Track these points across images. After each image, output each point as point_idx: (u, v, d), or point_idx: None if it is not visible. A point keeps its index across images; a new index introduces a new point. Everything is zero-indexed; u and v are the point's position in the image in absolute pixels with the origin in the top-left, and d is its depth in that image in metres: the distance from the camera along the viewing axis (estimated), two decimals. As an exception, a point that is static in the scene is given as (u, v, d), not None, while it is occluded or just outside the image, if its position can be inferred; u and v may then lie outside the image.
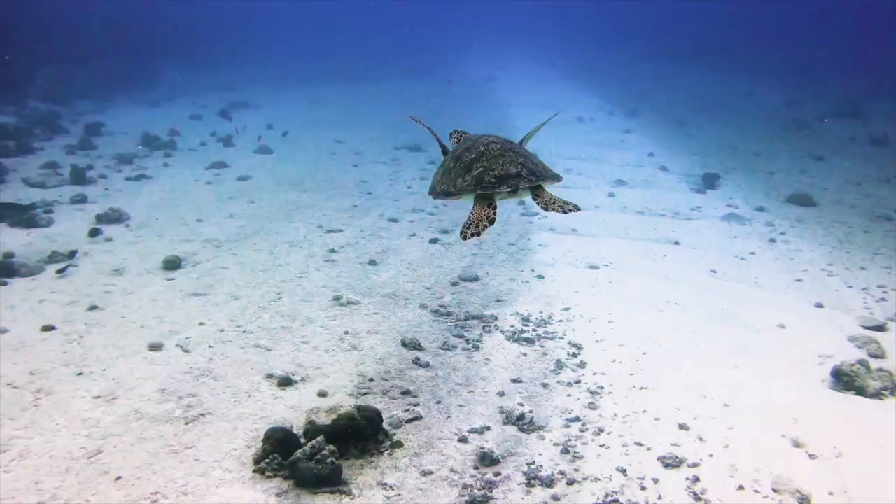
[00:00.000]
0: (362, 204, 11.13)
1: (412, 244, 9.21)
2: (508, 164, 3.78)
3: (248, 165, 13.70)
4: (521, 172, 3.76)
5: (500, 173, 3.74)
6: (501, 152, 3.86)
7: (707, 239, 10.02)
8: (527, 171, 3.78)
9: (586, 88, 28.26)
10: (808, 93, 26.60)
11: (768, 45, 37.43)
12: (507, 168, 3.76)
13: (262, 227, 9.76)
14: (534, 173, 3.80)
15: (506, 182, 3.71)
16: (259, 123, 18.86)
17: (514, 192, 3.80)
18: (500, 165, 3.78)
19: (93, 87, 24.27)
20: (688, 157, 15.71)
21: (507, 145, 3.98)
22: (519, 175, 3.75)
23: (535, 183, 3.80)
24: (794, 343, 6.62)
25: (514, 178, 3.73)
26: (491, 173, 3.75)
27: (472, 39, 48.64)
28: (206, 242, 9.03)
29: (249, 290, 7.50)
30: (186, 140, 16.19)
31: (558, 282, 8.02)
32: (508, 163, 3.79)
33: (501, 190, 3.72)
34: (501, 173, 3.74)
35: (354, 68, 33.06)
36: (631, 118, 20.87)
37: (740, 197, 12.42)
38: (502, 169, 3.76)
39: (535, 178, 3.79)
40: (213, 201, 11.07)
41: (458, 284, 7.86)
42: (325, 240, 9.28)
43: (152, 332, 6.45)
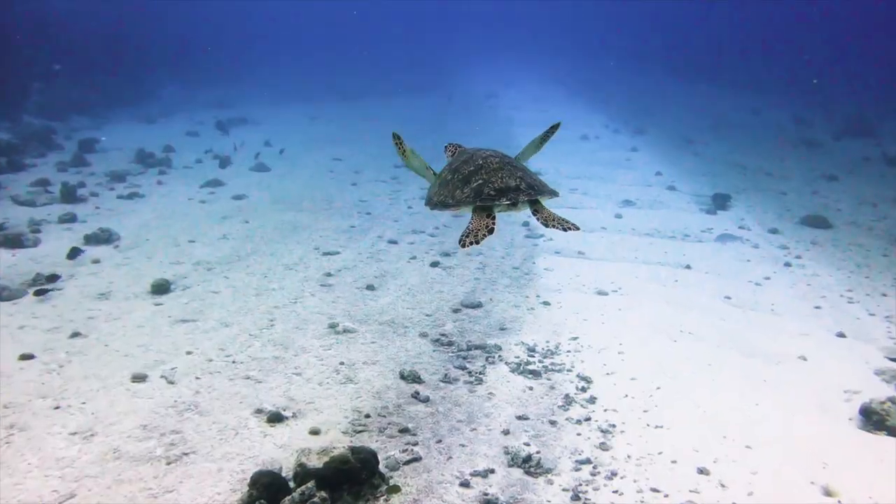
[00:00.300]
0: (361, 224, 10.77)
1: (412, 268, 8.84)
2: (508, 178, 3.76)
3: (243, 184, 13.36)
4: (521, 186, 3.74)
5: (499, 186, 3.72)
6: (500, 165, 3.84)
7: (719, 263, 9.65)
8: (526, 185, 3.76)
9: (590, 105, 27.99)
10: (817, 110, 26.34)
11: (772, 61, 37.23)
12: (507, 181, 3.74)
13: (257, 249, 9.39)
14: (532, 187, 3.78)
15: (505, 195, 3.69)
16: (257, 140, 18.56)
17: (514, 206, 3.78)
18: (500, 178, 3.75)
19: (90, 102, 24.02)
20: (696, 176, 15.37)
21: (505, 159, 3.96)
22: (518, 188, 3.72)
23: (534, 197, 3.78)
24: (817, 376, 6.23)
25: (513, 192, 3.70)
26: (490, 186, 3.73)
27: (474, 56, 48.54)
28: (197, 265, 8.67)
29: (241, 317, 7.12)
30: (182, 157, 15.87)
31: (565, 309, 7.64)
32: (508, 176, 3.77)
33: (501, 202, 3.69)
34: (501, 186, 3.72)
35: (355, 84, 32.87)
36: (637, 136, 20.56)
37: (752, 218, 12.07)
38: (501, 182, 3.73)
39: (534, 191, 3.76)
40: (206, 221, 10.71)
41: (460, 311, 7.48)
42: (322, 262, 8.92)
43: (136, 362, 6.07)
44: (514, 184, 3.74)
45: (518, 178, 3.78)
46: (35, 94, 23.12)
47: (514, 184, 3.74)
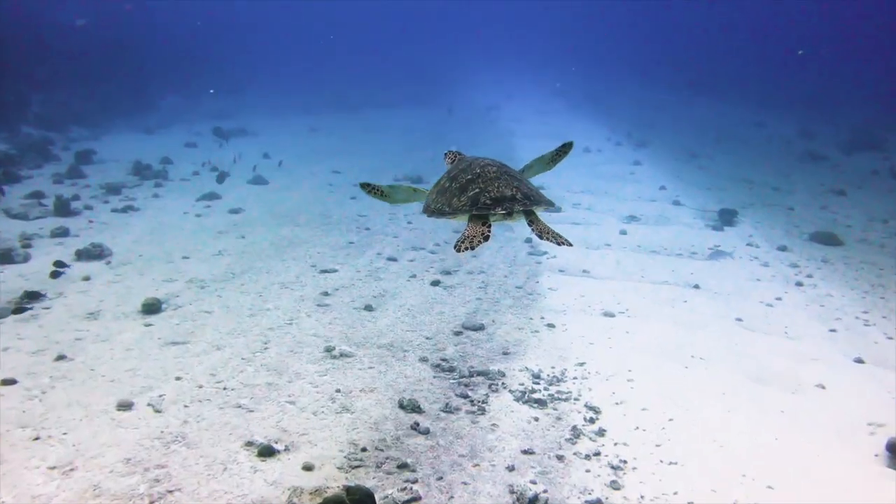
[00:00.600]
0: (359, 241, 10.49)
1: (412, 287, 8.55)
2: (504, 187, 3.77)
3: (240, 197, 13.10)
4: (517, 196, 3.75)
5: (495, 195, 3.73)
6: (497, 175, 3.86)
7: (729, 282, 9.36)
8: (522, 195, 3.77)
9: (592, 118, 27.79)
10: (822, 123, 26.14)
11: (776, 73, 37.06)
12: (503, 190, 3.75)
13: (252, 266, 9.11)
14: (528, 197, 3.79)
15: (501, 204, 3.70)
16: (255, 152, 18.32)
17: (509, 215, 3.78)
18: (496, 188, 3.77)
19: (89, 112, 23.80)
20: (702, 191, 15.10)
21: (502, 168, 3.97)
22: (514, 198, 3.73)
23: (530, 207, 3.78)
24: (837, 407, 5.93)
25: (509, 201, 3.71)
26: (487, 195, 3.74)
27: (476, 67, 48.42)
28: (190, 282, 8.38)
29: (233, 339, 6.84)
30: (179, 169, 15.62)
31: (571, 331, 7.35)
32: (504, 185, 3.78)
33: (496, 212, 3.70)
34: (497, 195, 3.73)
35: (356, 95, 32.68)
36: (640, 149, 20.32)
37: (760, 235, 11.79)
38: (498, 191, 3.75)
39: (530, 202, 3.77)
40: (201, 236, 10.44)
41: (462, 334, 7.19)
42: (319, 281, 8.63)
43: (123, 388, 5.78)
44: (510, 193, 3.74)
45: (514, 187, 3.78)
46: (35, 105, 22.96)
47: (510, 193, 3.74)
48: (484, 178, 3.83)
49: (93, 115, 23.75)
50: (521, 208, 3.75)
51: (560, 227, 11.98)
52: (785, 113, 29.08)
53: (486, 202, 3.71)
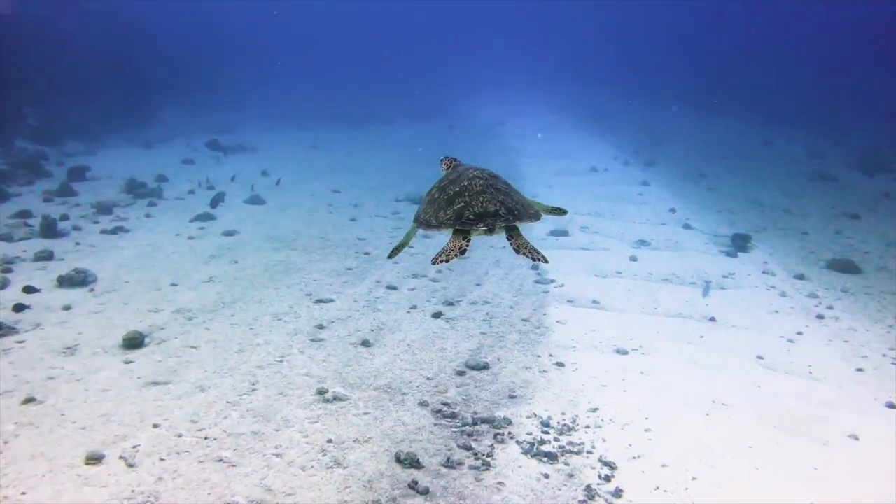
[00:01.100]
0: (358, 267, 10.01)
1: (412, 319, 8.06)
2: (488, 202, 3.80)
3: (236, 218, 12.64)
4: (500, 211, 3.78)
5: (478, 210, 3.77)
6: (483, 189, 3.88)
7: (746, 314, 8.87)
8: (505, 210, 3.79)
9: (598, 135, 27.38)
10: (829, 142, 25.71)
11: (782, 90, 36.70)
12: (487, 206, 3.79)
13: (244, 295, 8.63)
14: (512, 212, 3.81)
15: (483, 220, 3.75)
16: (254, 169, 17.91)
17: (490, 231, 3.82)
18: (480, 203, 3.80)
19: (87, 125, 23.43)
20: (712, 213, 14.64)
21: (490, 181, 3.97)
22: (497, 213, 3.77)
23: (512, 223, 3.82)
24: (873, 462, 5.43)
25: (491, 217, 3.76)
26: (471, 209, 3.78)
27: (480, 82, 48.15)
28: (177, 313, 7.91)
29: (219, 378, 6.35)
30: (174, 187, 15.18)
31: (581, 372, 6.85)
32: (489, 200, 3.81)
33: (478, 227, 3.76)
34: (480, 211, 3.77)
35: (358, 110, 32.31)
36: (647, 168, 19.86)
37: (776, 261, 11.31)
38: (482, 206, 3.78)
39: (513, 217, 3.80)
40: (192, 261, 9.96)
41: (465, 374, 6.70)
42: (314, 312, 8.15)
43: (94, 437, 5.30)
44: (494, 209, 3.77)
45: (499, 202, 3.81)
46: (31, 118, 22.59)
47: (494, 209, 3.77)
48: (470, 192, 3.86)
49: (90, 129, 23.37)
50: (503, 224, 3.78)
51: (568, 252, 11.55)
52: (792, 130, 28.67)
53: (470, 217, 3.75)
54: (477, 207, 3.77)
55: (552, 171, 18.82)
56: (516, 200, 3.92)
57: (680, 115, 33.12)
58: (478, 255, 10.80)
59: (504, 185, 4.05)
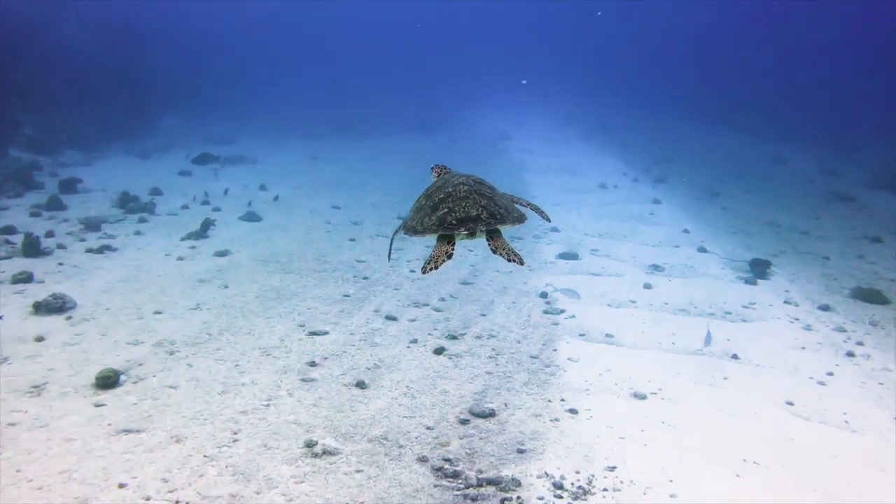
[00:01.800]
0: (356, 293, 9.42)
1: (412, 356, 7.46)
2: (470, 207, 3.90)
3: (229, 236, 12.07)
4: (481, 215, 3.87)
5: (461, 216, 3.87)
6: (467, 194, 3.98)
7: (770, 351, 8.25)
8: (487, 214, 3.89)
9: (606, 149, 26.82)
10: (843, 159, 25.14)
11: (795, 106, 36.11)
12: (469, 211, 3.88)
13: (232, 325, 8.04)
14: (494, 216, 3.90)
15: (465, 224, 3.84)
16: (253, 182, 17.35)
17: (472, 235, 3.90)
18: (463, 208, 3.90)
19: (84, 135, 22.95)
20: (727, 235, 14.04)
21: (474, 186, 4.06)
22: (478, 218, 3.86)
23: (494, 226, 3.91)
24: (930, 538, 4.81)
25: (472, 221, 3.85)
26: (453, 214, 3.88)
27: (485, 93, 47.67)
28: (158, 346, 7.32)
29: (198, 426, 5.75)
30: (168, 202, 14.63)
31: (596, 420, 6.24)
32: (471, 206, 3.91)
33: (460, 232, 3.85)
34: (462, 216, 3.87)
35: (361, 122, 31.80)
36: (658, 186, 19.27)
37: (798, 290, 10.70)
38: (464, 211, 3.88)
39: (495, 221, 3.89)
40: (180, 285, 9.38)
41: (469, 422, 6.09)
42: (306, 346, 7.55)
43: (51, 501, 4.70)
44: (476, 213, 3.87)
45: (482, 206, 3.91)
46: (27, 127, 22.10)
47: (476, 213, 3.87)
48: (454, 198, 3.97)
49: (88, 138, 22.89)
50: (484, 228, 3.87)
51: (579, 279, 10.96)
52: (804, 146, 28.11)
53: (452, 222, 3.85)
54: (459, 213, 3.88)
55: (560, 188, 18.24)
56: (499, 205, 4.02)
57: (689, 129, 32.57)
58: (483, 282, 10.22)
59: (489, 190, 4.13)
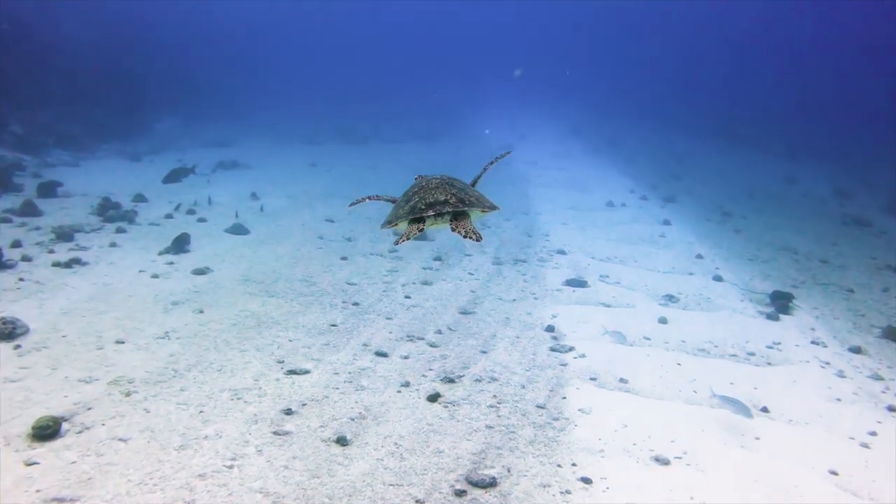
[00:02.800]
0: (344, 322, 8.55)
1: (403, 403, 6.59)
2: (439, 194, 4.25)
3: (212, 252, 11.20)
4: (449, 199, 4.20)
5: (430, 201, 4.22)
6: (438, 185, 4.34)
7: (803, 403, 7.39)
8: (455, 199, 4.22)
9: (612, 164, 25.99)
10: (855, 180, 24.33)
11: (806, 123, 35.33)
12: (437, 196, 4.23)
13: (202, 359, 7.17)
14: (462, 201, 4.23)
15: (433, 207, 4.17)
16: (244, 189, 16.51)
17: (441, 216, 4.21)
18: (432, 195, 4.25)
19: (74, 134, 22.15)
20: (743, 261, 13.19)
21: (446, 180, 4.43)
22: (446, 202, 4.19)
23: (461, 209, 4.21)
24: None
25: (440, 204, 4.18)
26: (423, 201, 4.24)
27: (491, 103, 46.90)
28: (114, 385, 6.44)
29: (144, 495, 4.87)
30: (152, 209, 13.77)
31: (614, 491, 5.37)
32: (440, 192, 4.26)
33: (428, 213, 4.16)
34: (431, 201, 4.22)
35: (364, 127, 30.98)
36: (668, 205, 18.41)
37: (824, 328, 9.85)
38: (432, 197, 4.23)
39: (462, 205, 4.21)
40: (150, 308, 8.51)
41: (466, 494, 5.21)
42: (284, 388, 6.68)
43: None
44: (444, 198, 4.20)
45: (451, 194, 4.23)
46: (15, 124, 21.25)
47: (444, 198, 4.20)
48: (426, 189, 4.31)
49: (78, 138, 22.10)
50: (450, 209, 4.15)
51: (588, 310, 10.10)
52: (815, 166, 27.34)
53: (421, 206, 4.19)
54: (429, 199, 4.20)
55: (566, 206, 17.39)
56: (469, 194, 4.33)
57: (696, 144, 31.79)
58: (484, 311, 9.36)
59: (460, 184, 4.45)
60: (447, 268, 11.31)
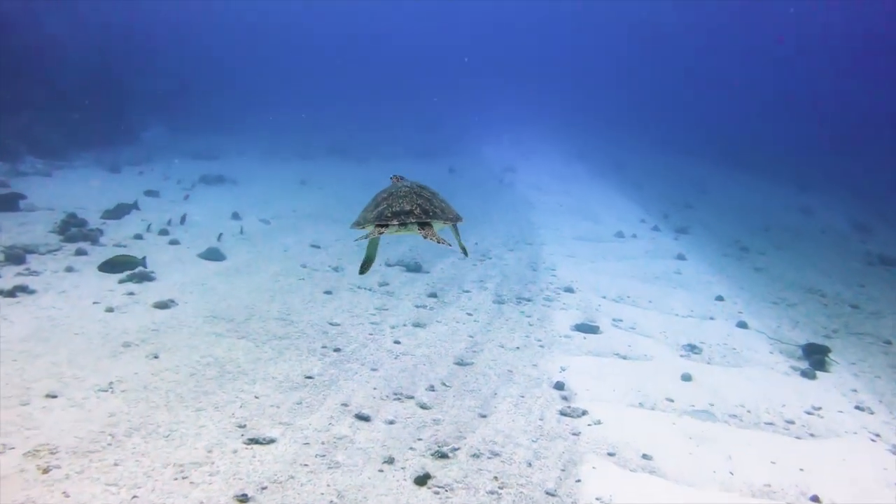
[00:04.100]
0: (321, 374, 7.36)
1: (385, 488, 5.38)
2: (405, 202, 4.40)
3: (180, 280, 10.02)
4: (414, 210, 4.36)
5: (396, 209, 4.37)
6: (406, 193, 4.49)
7: (858, 490, 6.23)
8: (420, 210, 4.38)
9: (619, 190, 24.94)
10: (873, 213, 23.29)
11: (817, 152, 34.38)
12: (403, 206, 4.38)
13: (147, 420, 5.97)
14: (427, 213, 4.39)
15: (398, 217, 4.34)
16: (226, 207, 15.36)
17: (404, 227, 4.37)
18: (398, 203, 4.41)
19: (52, 141, 20.96)
20: (766, 304, 12.07)
21: (415, 189, 4.57)
22: (411, 212, 4.36)
23: (425, 220, 4.36)
24: None
25: (405, 215, 4.35)
26: (390, 209, 4.38)
27: (490, 121, 45.94)
28: (32, 456, 5.24)
29: None
30: (122, 228, 12.61)
31: None
32: (407, 202, 4.41)
33: (392, 223, 4.33)
34: (397, 210, 4.37)
35: (357, 143, 29.90)
36: (681, 237, 17.31)
37: (866, 388, 8.73)
38: (398, 205, 4.39)
39: (426, 216, 4.37)
40: (97, 350, 7.31)
41: None
42: (241, 464, 5.48)
43: None
44: (409, 208, 4.37)
45: (417, 204, 4.41)
46: (-13, 130, 20.09)
47: (409, 208, 4.37)
48: (395, 196, 4.48)
49: (56, 145, 20.92)
50: (414, 220, 4.34)
51: (602, 362, 8.93)
52: (828, 196, 26.36)
53: (387, 215, 4.36)
54: (395, 207, 4.38)
55: (573, 236, 16.27)
56: (436, 205, 4.51)
57: (706, 170, 30.80)
58: (484, 361, 8.20)
59: (429, 193, 4.62)
60: (443, 306, 10.15)
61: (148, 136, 26.15)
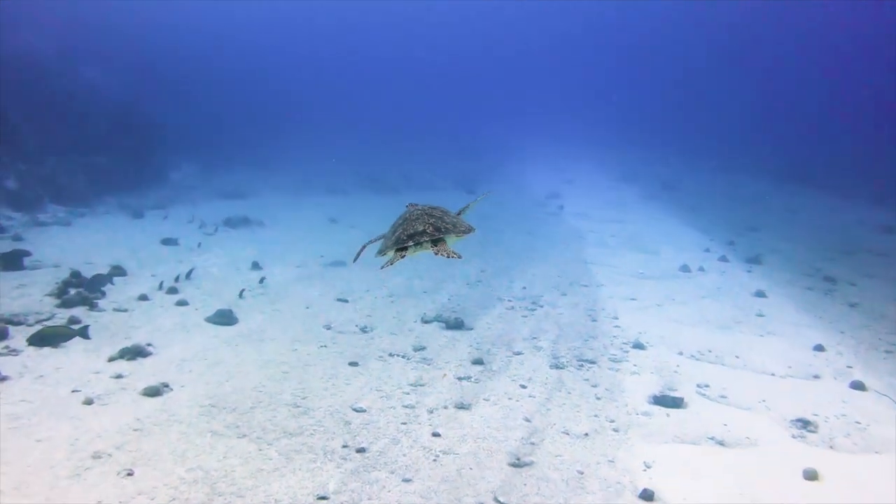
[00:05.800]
0: (339, 490, 5.69)
1: None
2: (418, 224, 4.63)
3: (179, 355, 8.51)
4: (426, 230, 4.58)
5: (410, 231, 4.59)
6: (419, 215, 4.72)
7: None
8: (433, 229, 4.60)
9: (674, 213, 23.00)
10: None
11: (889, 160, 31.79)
12: (417, 227, 4.61)
13: (96, 590, 4.41)
14: (438, 230, 4.61)
15: (413, 238, 4.55)
16: (246, 256, 13.97)
17: (420, 245, 4.57)
18: (412, 225, 4.63)
19: (76, 187, 19.99)
20: (878, 355, 10.09)
21: (427, 210, 4.81)
22: (424, 232, 4.57)
23: (437, 237, 4.59)
24: None
25: (419, 234, 4.56)
26: (405, 232, 4.60)
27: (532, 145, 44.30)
28: None
29: None
30: (128, 286, 11.26)
31: None
32: (420, 223, 4.63)
33: (408, 244, 4.54)
34: (412, 231, 4.59)
35: (392, 175, 28.51)
36: (755, 268, 15.33)
37: None
38: (413, 228, 4.61)
39: (439, 233, 4.59)
40: (56, 466, 5.79)
41: None
42: None
43: None
44: (422, 229, 4.59)
45: (429, 224, 4.62)
46: (10, 178, 19.17)
47: (422, 229, 4.59)
48: (409, 220, 4.70)
49: (80, 191, 19.95)
50: (427, 238, 4.55)
51: (697, 449, 7.14)
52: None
53: (403, 237, 4.57)
54: (409, 230, 4.59)
55: (632, 272, 14.43)
56: (446, 222, 4.70)
57: (764, 186, 28.63)
58: (545, 458, 6.47)
59: (440, 213, 4.81)
60: (491, 375, 8.47)
61: (177, 177, 25.17)
